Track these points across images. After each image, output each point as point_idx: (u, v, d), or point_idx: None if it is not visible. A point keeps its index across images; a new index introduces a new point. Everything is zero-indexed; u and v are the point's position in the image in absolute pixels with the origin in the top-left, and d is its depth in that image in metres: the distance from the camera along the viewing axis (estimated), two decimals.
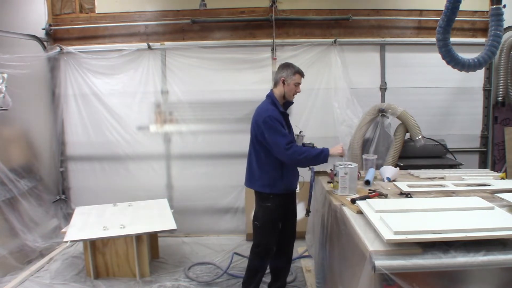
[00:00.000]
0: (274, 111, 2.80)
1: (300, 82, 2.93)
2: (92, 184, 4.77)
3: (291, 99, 2.97)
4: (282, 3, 4.53)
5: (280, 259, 3.08)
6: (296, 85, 2.90)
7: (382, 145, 4.34)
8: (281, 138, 2.71)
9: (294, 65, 2.93)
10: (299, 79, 2.92)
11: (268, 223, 2.93)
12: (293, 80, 2.87)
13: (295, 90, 2.91)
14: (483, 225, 1.77)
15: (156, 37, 4.67)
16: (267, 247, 2.96)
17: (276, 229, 2.95)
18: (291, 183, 2.94)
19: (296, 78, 2.89)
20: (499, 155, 4.77)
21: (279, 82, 2.90)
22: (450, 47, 2.73)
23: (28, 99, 4.25)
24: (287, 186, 2.92)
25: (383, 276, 1.57)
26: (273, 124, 2.72)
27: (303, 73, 2.94)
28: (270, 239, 2.95)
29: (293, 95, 2.94)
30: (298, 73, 2.90)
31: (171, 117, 4.72)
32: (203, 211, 4.73)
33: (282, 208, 2.94)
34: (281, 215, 2.96)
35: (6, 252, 3.64)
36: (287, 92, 2.90)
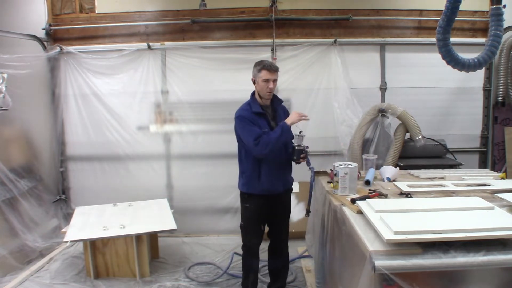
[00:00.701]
0: (244, 111, 2.80)
1: (270, 78, 2.73)
2: (92, 184, 4.77)
3: (266, 96, 2.80)
4: (282, 3, 4.53)
5: (276, 260, 3.06)
6: (266, 81, 2.73)
7: (382, 145, 4.34)
8: (248, 135, 2.71)
9: (262, 61, 2.79)
10: (267, 75, 2.73)
11: (249, 223, 2.91)
12: (260, 78, 2.74)
13: (267, 87, 2.75)
14: (483, 225, 1.76)
15: (156, 37, 4.67)
16: (250, 248, 2.94)
17: (258, 230, 2.90)
18: (270, 185, 2.82)
19: (263, 75, 2.73)
20: (499, 155, 4.77)
21: (253, 83, 2.85)
22: (450, 47, 2.72)
23: (28, 99, 4.25)
24: (266, 188, 2.81)
25: (383, 276, 1.57)
26: (241, 122, 2.76)
27: (272, 68, 2.75)
28: (252, 240, 2.93)
29: (267, 93, 2.78)
30: (265, 69, 2.73)
31: (171, 117, 4.72)
32: (203, 211, 4.73)
33: (264, 210, 2.87)
34: (264, 216, 2.90)
35: (6, 252, 3.64)
36: (259, 91, 2.80)
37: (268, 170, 2.80)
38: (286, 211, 3.04)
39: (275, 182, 2.84)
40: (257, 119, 2.77)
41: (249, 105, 2.83)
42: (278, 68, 2.82)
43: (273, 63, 2.82)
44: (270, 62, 2.80)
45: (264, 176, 2.80)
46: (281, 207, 2.97)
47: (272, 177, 2.81)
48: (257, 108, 2.80)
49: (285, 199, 3.00)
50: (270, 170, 2.80)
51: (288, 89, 4.61)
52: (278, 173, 2.85)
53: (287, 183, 2.96)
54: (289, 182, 2.98)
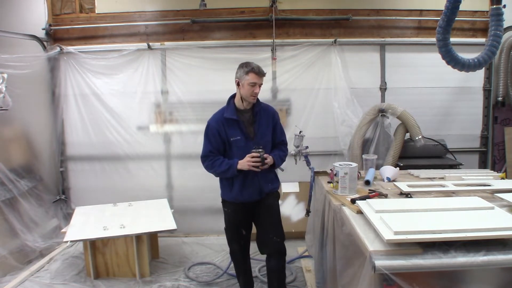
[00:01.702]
0: (214, 119, 2.73)
1: (257, 82, 2.62)
2: (92, 184, 4.77)
3: (251, 100, 2.67)
4: (282, 3, 4.53)
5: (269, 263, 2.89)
6: (252, 85, 2.60)
7: (382, 145, 4.34)
8: (203, 148, 2.72)
9: (250, 63, 2.65)
10: (254, 78, 2.60)
11: (228, 227, 2.89)
12: (247, 80, 2.60)
13: (252, 90, 2.62)
14: (483, 225, 1.76)
15: (156, 37, 4.67)
16: (233, 252, 2.93)
17: (237, 234, 2.86)
18: (240, 195, 2.74)
19: (251, 78, 2.60)
20: (499, 155, 4.77)
21: (236, 85, 2.71)
22: (450, 47, 2.72)
23: (28, 99, 4.25)
24: (237, 196, 2.75)
25: (383, 276, 1.57)
26: (205, 131, 2.74)
27: (260, 71, 2.63)
28: (233, 244, 2.91)
29: (251, 97, 2.64)
30: (252, 72, 2.60)
31: (171, 117, 4.72)
32: (203, 211, 4.72)
33: (241, 215, 2.82)
34: (244, 221, 2.85)
35: (6, 252, 3.64)
36: (243, 94, 2.65)
37: (240, 181, 2.72)
38: (270, 212, 2.85)
39: (248, 191, 2.74)
40: (226, 127, 2.67)
41: (223, 110, 2.74)
42: (265, 74, 2.72)
43: (260, 67, 2.67)
44: (258, 65, 2.67)
45: (236, 186, 2.74)
46: (263, 209, 2.83)
47: (243, 187, 2.73)
48: (230, 114, 2.69)
49: (268, 202, 2.84)
50: (242, 179, 2.71)
51: (288, 89, 4.61)
52: (252, 182, 2.73)
53: (264, 190, 2.79)
54: (267, 189, 2.81)
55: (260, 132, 2.75)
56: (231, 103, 2.75)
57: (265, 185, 2.80)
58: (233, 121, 2.69)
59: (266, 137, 2.78)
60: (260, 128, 2.75)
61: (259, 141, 2.70)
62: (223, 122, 2.69)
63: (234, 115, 2.69)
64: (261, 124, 2.75)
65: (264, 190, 2.79)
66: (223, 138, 2.70)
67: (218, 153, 2.73)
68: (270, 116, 2.81)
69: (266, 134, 2.78)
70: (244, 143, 2.68)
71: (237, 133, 2.69)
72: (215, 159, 2.71)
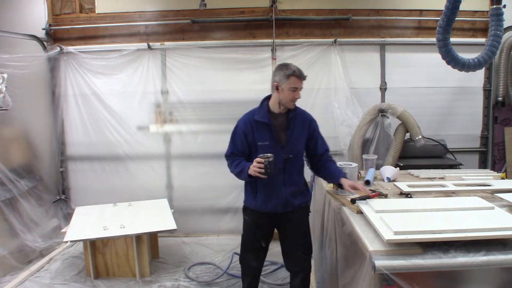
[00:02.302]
0: (243, 120, 2.55)
1: (298, 87, 2.44)
2: (92, 184, 4.76)
3: (290, 106, 2.49)
4: (282, 3, 4.53)
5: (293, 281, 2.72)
6: (293, 90, 2.42)
7: (382, 145, 4.34)
8: (228, 146, 2.59)
9: (290, 66, 2.45)
10: (296, 83, 2.42)
11: (246, 238, 2.69)
12: (288, 85, 2.41)
13: (293, 96, 2.43)
14: (483, 225, 1.76)
15: (156, 37, 4.67)
16: (245, 265, 2.72)
17: (255, 247, 2.64)
18: (264, 205, 2.54)
19: (291, 82, 2.40)
20: (499, 155, 4.76)
21: (273, 88, 2.48)
22: (450, 47, 2.73)
23: (28, 99, 4.25)
24: (261, 206, 2.55)
25: (383, 276, 1.57)
26: (233, 131, 2.59)
27: (301, 75, 2.44)
28: (248, 257, 2.68)
29: (291, 102, 2.46)
30: (294, 75, 2.41)
31: (171, 117, 4.72)
32: (203, 211, 4.73)
33: (263, 226, 2.62)
34: (263, 233, 2.64)
35: (6, 252, 3.64)
36: (282, 99, 2.45)
37: (265, 189, 2.52)
38: (298, 229, 2.63)
39: (272, 203, 2.53)
40: (255, 129, 2.49)
41: (254, 112, 2.54)
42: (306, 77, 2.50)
43: (301, 69, 2.46)
44: (298, 67, 2.45)
45: (260, 194, 2.54)
46: (290, 225, 2.61)
47: (268, 197, 2.53)
48: (261, 116, 2.49)
49: (295, 217, 2.61)
50: (267, 188, 2.51)
51: None
52: (278, 193, 2.52)
53: (289, 204, 2.55)
54: (294, 202, 2.56)
55: (293, 140, 2.51)
56: (264, 105, 2.54)
57: (292, 198, 2.55)
58: (264, 125, 2.48)
59: (298, 145, 2.54)
60: (293, 135, 2.51)
61: (290, 149, 2.48)
62: (252, 125, 2.49)
63: (266, 118, 2.48)
64: (295, 131, 2.52)
65: (291, 204, 2.55)
66: (250, 141, 2.51)
67: (242, 155, 2.55)
68: (307, 123, 2.59)
69: (298, 143, 2.54)
70: (272, 149, 2.40)
71: (266, 137, 2.47)
72: (235, 159, 2.55)
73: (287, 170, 2.50)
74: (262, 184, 2.50)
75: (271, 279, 3.49)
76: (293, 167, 2.52)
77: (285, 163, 2.48)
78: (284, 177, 2.51)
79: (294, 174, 2.54)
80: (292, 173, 2.52)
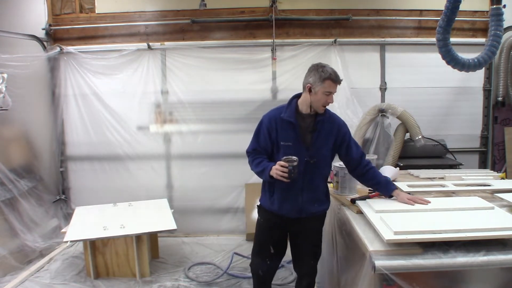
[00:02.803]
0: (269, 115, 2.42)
1: (333, 91, 2.29)
2: (92, 184, 4.76)
3: (320, 110, 2.34)
4: (282, 3, 4.53)
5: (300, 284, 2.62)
6: (327, 94, 2.27)
7: (382, 145, 4.34)
8: (251, 141, 2.47)
9: (326, 68, 2.28)
10: (331, 87, 2.27)
11: (256, 239, 2.60)
12: (322, 88, 2.26)
13: (326, 100, 2.29)
14: (483, 225, 1.77)
15: (156, 37, 4.67)
16: (254, 269, 2.61)
17: (264, 251, 2.53)
18: (279, 208, 2.41)
19: (327, 86, 2.25)
20: (499, 155, 4.76)
21: (305, 89, 2.33)
22: (450, 47, 2.73)
23: (28, 99, 4.25)
24: (276, 207, 2.42)
25: (383, 276, 1.57)
26: (257, 127, 2.45)
27: (337, 79, 2.28)
28: (257, 261, 2.58)
29: (322, 106, 2.32)
30: (330, 79, 2.25)
31: (171, 117, 4.72)
32: (203, 211, 4.73)
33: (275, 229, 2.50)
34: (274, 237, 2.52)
35: (6, 252, 3.64)
36: (313, 102, 2.31)
37: (282, 191, 2.38)
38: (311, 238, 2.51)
39: (287, 206, 2.40)
40: (280, 127, 2.36)
41: (281, 109, 2.40)
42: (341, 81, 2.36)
43: (336, 72, 2.31)
44: (334, 70, 2.30)
45: (276, 195, 2.41)
46: (304, 233, 2.50)
47: (284, 200, 2.39)
48: (288, 115, 2.35)
49: (310, 225, 2.48)
50: (284, 191, 2.38)
51: (288, 89, 4.59)
52: (294, 198, 2.38)
53: (304, 210, 2.40)
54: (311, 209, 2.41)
55: (318, 143, 2.36)
56: (293, 103, 2.40)
57: (309, 204, 2.40)
58: (290, 124, 2.34)
59: (324, 150, 2.38)
60: (319, 139, 2.36)
61: (313, 153, 2.34)
62: (277, 122, 2.36)
63: (293, 118, 2.34)
64: (322, 134, 2.37)
65: (306, 210, 2.40)
66: (273, 139, 2.38)
67: (265, 153, 2.42)
68: (335, 128, 2.42)
69: (324, 147, 2.38)
70: (295, 151, 2.27)
71: (290, 138, 2.34)
72: (257, 157, 2.42)
73: (308, 174, 2.34)
74: (280, 186, 2.36)
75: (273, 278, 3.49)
76: (315, 172, 2.37)
77: (307, 166, 2.32)
78: (303, 182, 2.34)
79: (315, 180, 2.37)
80: (313, 179, 2.36)
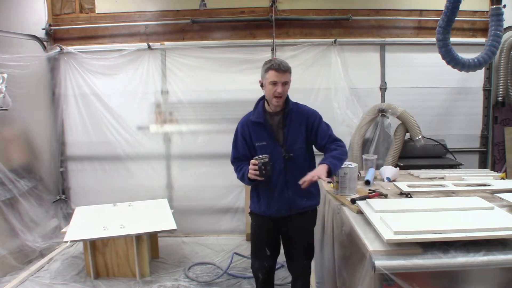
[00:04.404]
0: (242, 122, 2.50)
1: (278, 80, 2.29)
2: (92, 184, 4.77)
3: (274, 103, 2.35)
4: (282, 3, 4.53)
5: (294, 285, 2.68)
6: (273, 84, 2.30)
7: (382, 145, 4.34)
8: (232, 151, 2.54)
9: (271, 60, 2.37)
10: (275, 76, 2.28)
11: (252, 244, 2.65)
12: (267, 80, 2.32)
13: (274, 90, 2.30)
14: (483, 225, 1.76)
15: (156, 37, 4.68)
16: (255, 272, 2.67)
17: (261, 254, 2.57)
18: (267, 207, 2.45)
19: (270, 76, 2.30)
20: (499, 155, 4.77)
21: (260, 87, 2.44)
22: (450, 47, 2.73)
23: (28, 99, 4.25)
24: (264, 209, 2.47)
25: (383, 276, 1.57)
26: (234, 134, 2.52)
27: (280, 68, 2.29)
28: (255, 264, 2.64)
29: (274, 98, 2.33)
30: (272, 69, 2.29)
31: (171, 117, 4.72)
32: (203, 211, 4.73)
33: (267, 231, 2.54)
34: (268, 239, 2.56)
35: (6, 252, 3.65)
36: (267, 96, 2.39)
37: (266, 192, 2.44)
38: (303, 237, 2.55)
39: (276, 205, 2.44)
40: (252, 130, 2.43)
41: (251, 114, 2.50)
42: (290, 68, 2.36)
43: (283, 61, 2.33)
44: (280, 60, 2.33)
45: (262, 197, 2.47)
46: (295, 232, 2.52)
47: (271, 199, 2.44)
48: (256, 116, 2.43)
49: (301, 224, 2.51)
50: (269, 191, 2.43)
51: None
52: (281, 194, 2.42)
53: (295, 206, 2.44)
54: (300, 205, 2.46)
55: (291, 137, 2.40)
56: (260, 105, 2.47)
57: (298, 199, 2.43)
58: (260, 125, 2.41)
59: (298, 143, 2.41)
60: (291, 133, 2.40)
61: (289, 148, 2.38)
62: (249, 126, 2.44)
63: (261, 118, 2.41)
64: (292, 128, 2.40)
65: (295, 206, 2.44)
66: (249, 143, 2.45)
67: (245, 159, 2.44)
68: (304, 118, 2.43)
69: (298, 140, 2.41)
70: (270, 150, 2.34)
71: (263, 138, 2.40)
72: (239, 164, 2.48)
73: (288, 170, 2.39)
74: (263, 187, 2.43)
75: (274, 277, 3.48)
76: (295, 166, 2.39)
77: (286, 162, 2.38)
78: (286, 177, 2.39)
79: (298, 173, 2.33)
80: (295, 173, 2.35)
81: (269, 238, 2.57)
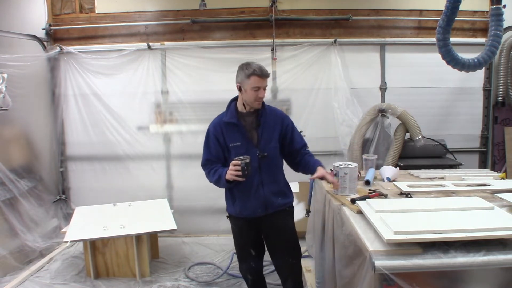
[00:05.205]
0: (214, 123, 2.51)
1: (261, 85, 2.35)
2: (92, 184, 4.77)
3: (256, 106, 2.41)
4: (282, 3, 4.54)
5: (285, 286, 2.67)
6: (255, 89, 2.34)
7: (382, 145, 4.34)
8: (203, 154, 2.53)
9: (251, 65, 2.38)
10: (257, 82, 2.33)
11: (236, 247, 2.67)
12: (249, 85, 2.34)
13: (256, 95, 2.35)
14: (483, 225, 1.76)
15: (156, 37, 4.68)
16: (243, 275, 2.70)
17: (245, 255, 2.60)
18: (243, 208, 2.47)
19: (253, 82, 2.32)
20: (499, 155, 4.77)
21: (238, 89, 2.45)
22: (450, 47, 2.72)
23: (28, 99, 4.26)
24: (240, 210, 2.49)
25: (383, 276, 1.56)
26: (205, 138, 2.53)
27: (262, 73, 2.34)
28: (242, 266, 2.66)
29: (256, 102, 2.38)
30: (254, 75, 2.32)
31: (171, 117, 4.72)
32: (203, 211, 4.73)
33: (247, 233, 2.56)
34: (249, 241, 2.58)
35: (6, 252, 3.65)
36: (246, 99, 2.40)
37: (242, 193, 2.46)
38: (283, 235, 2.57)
39: (251, 205, 2.46)
40: (225, 131, 2.45)
41: (223, 114, 2.52)
42: (269, 74, 2.45)
43: (262, 66, 2.39)
44: (259, 66, 2.38)
45: (238, 198, 2.49)
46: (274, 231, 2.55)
47: (246, 200, 2.45)
48: (229, 117, 2.45)
49: (279, 222, 2.54)
50: (244, 192, 2.45)
51: (288, 89, 4.62)
52: (256, 194, 2.44)
53: (271, 205, 2.48)
54: (275, 204, 2.50)
55: (265, 137, 2.46)
56: (232, 106, 2.52)
57: (273, 198, 2.48)
58: (233, 126, 2.44)
59: (272, 143, 2.48)
60: (265, 132, 2.46)
61: (263, 148, 2.43)
62: (222, 127, 2.46)
63: (234, 119, 2.44)
64: (266, 128, 2.47)
65: (271, 205, 2.48)
66: (222, 144, 2.46)
67: (218, 161, 2.49)
68: (278, 120, 2.51)
69: (272, 140, 2.47)
70: (245, 150, 2.39)
71: (237, 138, 2.43)
72: (211, 167, 2.49)
73: (263, 169, 2.44)
74: (239, 188, 2.45)
75: (271, 279, 3.48)
76: (269, 166, 2.46)
77: (261, 162, 2.42)
78: (261, 176, 2.44)
79: (272, 173, 2.47)
80: (269, 172, 2.46)
81: (251, 239, 2.60)
